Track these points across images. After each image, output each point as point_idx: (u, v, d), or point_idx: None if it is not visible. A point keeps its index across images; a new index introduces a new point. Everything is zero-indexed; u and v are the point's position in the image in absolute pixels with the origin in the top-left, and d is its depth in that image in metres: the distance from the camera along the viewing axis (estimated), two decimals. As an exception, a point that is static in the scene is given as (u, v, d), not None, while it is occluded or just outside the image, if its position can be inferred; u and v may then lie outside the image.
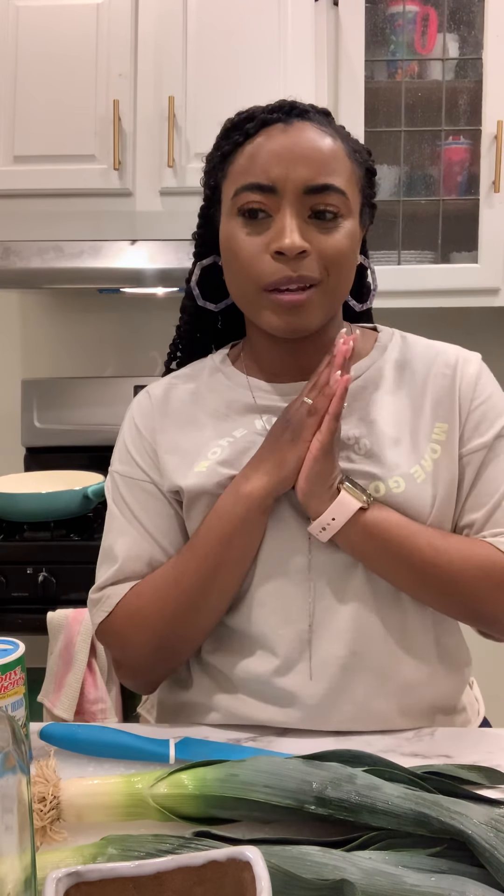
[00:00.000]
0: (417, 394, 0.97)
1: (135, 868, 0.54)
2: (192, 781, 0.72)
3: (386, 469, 0.91)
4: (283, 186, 0.87)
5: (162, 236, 1.89)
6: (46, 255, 1.88)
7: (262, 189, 0.88)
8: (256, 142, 0.90)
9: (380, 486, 0.91)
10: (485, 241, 2.00)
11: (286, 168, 0.87)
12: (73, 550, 1.76)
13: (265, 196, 0.88)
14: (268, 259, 0.88)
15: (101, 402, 2.23)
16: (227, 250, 0.93)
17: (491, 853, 0.64)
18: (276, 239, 0.87)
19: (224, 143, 0.94)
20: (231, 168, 0.92)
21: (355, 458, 0.93)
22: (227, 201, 0.92)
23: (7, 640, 0.79)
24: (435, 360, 0.99)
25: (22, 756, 0.54)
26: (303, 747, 0.82)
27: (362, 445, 0.93)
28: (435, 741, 0.89)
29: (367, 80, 1.97)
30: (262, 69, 1.87)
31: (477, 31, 2.00)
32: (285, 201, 0.87)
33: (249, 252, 0.89)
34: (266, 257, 0.88)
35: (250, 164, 0.89)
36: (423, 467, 0.92)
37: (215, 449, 0.95)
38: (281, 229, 0.87)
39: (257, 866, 0.53)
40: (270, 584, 0.92)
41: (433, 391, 0.96)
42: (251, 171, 0.89)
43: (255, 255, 0.88)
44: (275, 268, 0.87)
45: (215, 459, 0.94)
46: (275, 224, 0.88)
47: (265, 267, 0.88)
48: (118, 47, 1.90)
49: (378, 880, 0.62)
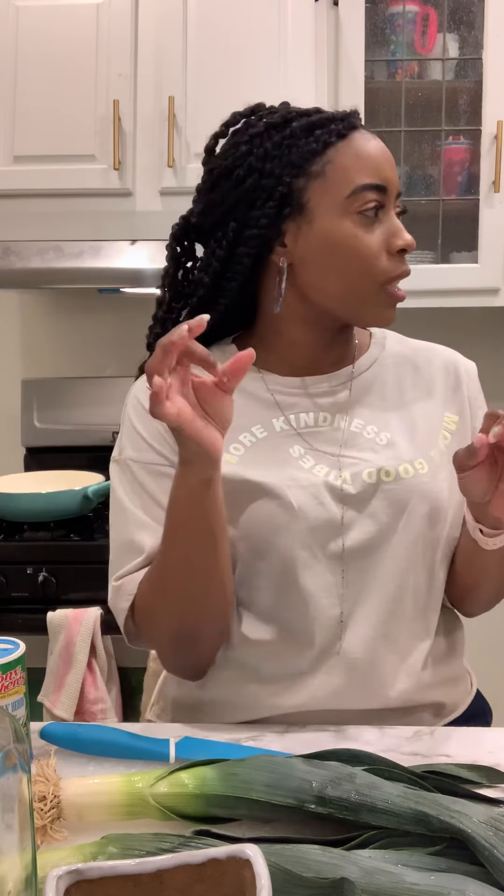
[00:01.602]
0: (424, 385, 1.03)
1: (135, 866, 0.54)
2: (192, 780, 0.72)
3: (409, 454, 0.96)
4: (389, 187, 0.93)
5: (162, 236, 1.87)
6: (46, 255, 1.88)
7: (379, 189, 0.92)
8: (355, 142, 0.93)
9: (408, 468, 0.95)
10: (485, 241, 2.00)
11: (389, 170, 0.93)
12: (73, 550, 1.76)
13: (381, 195, 0.93)
14: (386, 256, 0.93)
15: (101, 402, 2.23)
16: (340, 248, 0.93)
17: (490, 852, 0.64)
18: (395, 237, 0.93)
19: (306, 141, 0.92)
20: (329, 166, 0.92)
21: (379, 450, 0.96)
22: (337, 200, 0.92)
23: (7, 639, 0.79)
24: (434, 356, 1.06)
25: (23, 755, 0.54)
26: (303, 747, 0.82)
27: (382, 437, 0.97)
28: (435, 740, 0.89)
29: (367, 80, 1.97)
30: (262, 69, 1.87)
31: (477, 31, 2.00)
32: (390, 202, 0.94)
33: (373, 250, 0.92)
34: (383, 254, 0.93)
35: (362, 163, 0.92)
36: (439, 451, 0.98)
37: (237, 445, 0.96)
38: (397, 228, 0.93)
39: (257, 864, 0.53)
40: (303, 571, 0.93)
41: (440, 384, 1.03)
42: (365, 171, 0.92)
43: (377, 253, 0.93)
44: (395, 265, 0.93)
45: (238, 455, 0.95)
46: (384, 223, 0.93)
47: (386, 264, 0.93)
48: (118, 47, 1.90)
49: (378, 879, 0.62)
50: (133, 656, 1.70)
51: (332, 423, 0.98)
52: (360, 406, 1.00)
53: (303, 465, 0.95)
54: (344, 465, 0.95)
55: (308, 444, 0.97)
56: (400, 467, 0.94)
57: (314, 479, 0.94)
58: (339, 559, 0.93)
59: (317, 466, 0.95)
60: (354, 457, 0.96)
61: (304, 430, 0.98)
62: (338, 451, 0.96)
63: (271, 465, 0.94)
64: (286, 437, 0.97)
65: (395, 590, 0.94)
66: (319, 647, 0.94)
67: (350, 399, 1.00)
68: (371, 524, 0.94)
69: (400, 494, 0.94)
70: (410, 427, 0.99)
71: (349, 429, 0.98)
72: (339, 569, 0.93)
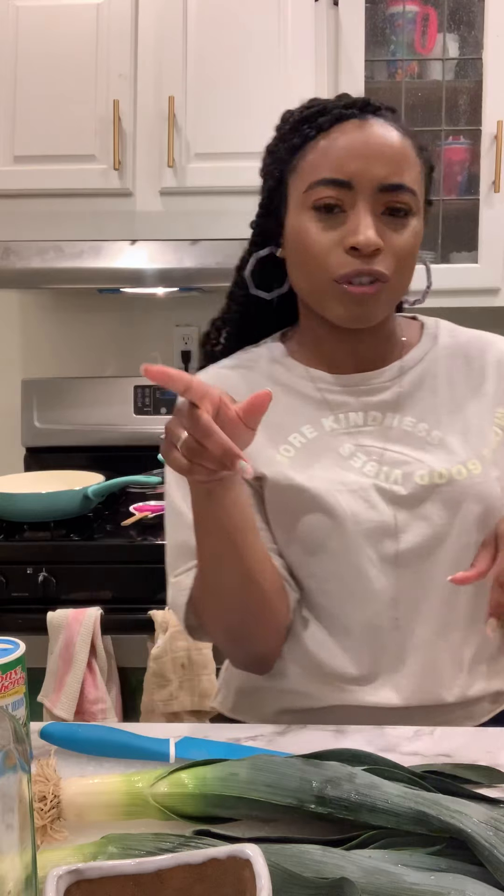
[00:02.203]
0: (475, 378, 1.00)
1: (135, 866, 0.54)
2: (192, 780, 0.72)
3: (461, 454, 0.95)
4: (358, 182, 0.88)
5: (162, 236, 1.89)
6: (46, 255, 1.88)
7: (337, 184, 0.89)
8: (331, 136, 0.90)
9: (461, 469, 0.94)
10: (485, 241, 2.00)
11: (363, 164, 0.88)
12: (73, 550, 1.76)
13: (340, 191, 0.89)
14: (340, 252, 0.89)
15: (101, 402, 2.23)
16: (296, 242, 0.93)
17: (490, 852, 0.64)
18: (351, 234, 0.88)
19: (293, 135, 0.93)
20: (302, 161, 0.92)
21: (430, 449, 0.95)
22: (298, 195, 0.92)
23: (7, 639, 0.79)
24: (487, 347, 1.02)
25: (23, 755, 0.54)
26: (303, 747, 0.82)
27: (434, 436, 0.96)
28: (435, 740, 0.89)
29: (367, 80, 1.97)
30: (262, 69, 1.87)
31: (477, 31, 2.00)
32: (360, 198, 0.89)
33: (322, 246, 0.90)
34: (339, 251, 0.89)
35: (325, 158, 0.90)
36: (490, 449, 0.96)
37: (286, 446, 0.96)
38: (356, 225, 0.88)
39: (257, 864, 0.53)
40: (356, 576, 0.93)
41: (493, 377, 1.00)
42: (326, 165, 0.89)
43: (328, 249, 0.89)
44: (347, 261, 0.89)
45: (288, 457, 0.95)
46: (349, 220, 0.89)
47: (337, 260, 0.89)
48: (118, 47, 1.90)
49: (378, 879, 0.62)
50: (133, 656, 1.70)
51: (383, 421, 0.97)
52: (411, 403, 0.98)
53: (353, 465, 0.95)
54: (395, 464, 0.95)
55: (358, 443, 0.96)
56: (453, 469, 0.93)
57: (364, 482, 0.93)
58: (392, 563, 0.93)
59: (366, 466, 0.95)
60: (406, 456, 0.95)
61: (354, 430, 0.97)
62: (388, 451, 0.95)
63: (321, 467, 0.94)
64: (336, 436, 0.97)
65: (450, 591, 0.94)
66: (375, 648, 0.94)
67: (400, 396, 0.99)
68: (425, 527, 0.93)
69: (454, 497, 0.93)
70: (463, 424, 0.97)
71: (400, 427, 0.97)
72: (394, 572, 0.93)
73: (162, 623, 1.64)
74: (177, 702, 1.62)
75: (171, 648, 1.61)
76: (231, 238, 1.86)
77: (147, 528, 1.84)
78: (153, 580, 1.71)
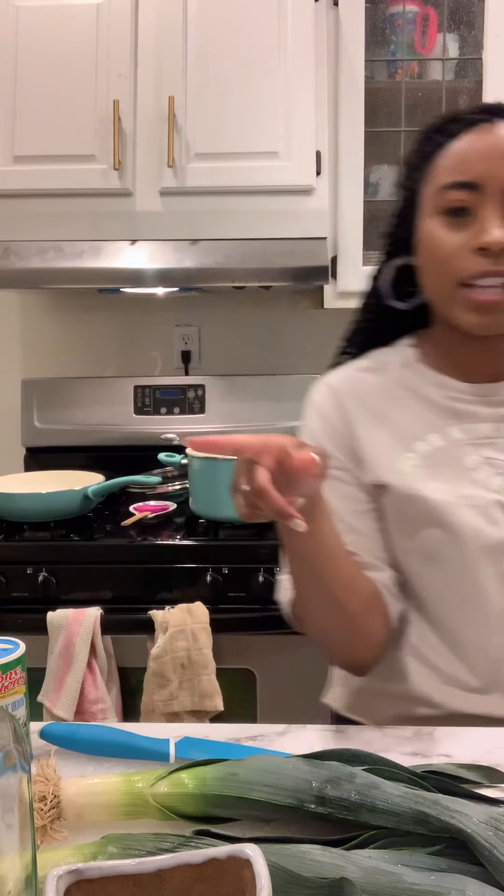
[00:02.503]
0: None
1: (135, 866, 0.54)
2: (192, 780, 0.72)
3: None
4: (487, 183, 0.88)
5: (162, 236, 1.89)
6: (46, 255, 1.88)
7: (465, 186, 0.89)
8: (462, 141, 0.90)
9: None
10: (484, 241, 2.00)
11: (490, 166, 0.88)
12: (73, 550, 1.76)
13: (469, 194, 0.89)
14: (468, 254, 0.88)
15: (101, 402, 2.23)
16: (426, 248, 0.93)
17: (490, 852, 0.64)
18: (479, 235, 0.88)
19: (426, 145, 0.94)
20: (433, 169, 0.92)
21: None
22: (429, 200, 0.92)
23: (7, 639, 0.79)
24: None
25: (23, 755, 0.54)
26: (303, 747, 0.82)
27: None
28: (435, 740, 0.89)
29: (367, 80, 1.97)
30: (262, 69, 1.87)
31: (477, 31, 2.00)
32: (488, 199, 0.88)
33: (451, 248, 0.89)
34: (466, 253, 0.89)
35: (454, 162, 0.90)
36: None
37: (411, 454, 0.95)
38: (484, 226, 0.87)
39: (257, 864, 0.53)
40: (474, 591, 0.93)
41: None
42: (456, 169, 0.89)
43: (456, 252, 0.89)
44: (475, 262, 0.88)
45: (412, 466, 0.95)
46: (477, 222, 0.89)
47: (465, 262, 0.89)
48: (118, 47, 1.90)
49: (378, 879, 0.62)
50: (133, 656, 1.70)
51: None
52: None
53: (476, 478, 0.94)
54: None
55: (485, 455, 0.95)
56: None
57: (487, 497, 0.93)
58: None
59: (491, 479, 0.94)
60: None
61: (482, 441, 0.96)
62: None
63: (444, 478, 0.94)
64: (462, 446, 0.96)
65: None
66: (492, 661, 0.94)
67: None
68: None
69: None
70: None
71: None
72: None
73: (162, 623, 1.64)
74: (177, 702, 1.62)
75: (171, 648, 1.61)
76: (231, 238, 1.87)
77: (147, 528, 1.84)
78: (153, 580, 1.71)
